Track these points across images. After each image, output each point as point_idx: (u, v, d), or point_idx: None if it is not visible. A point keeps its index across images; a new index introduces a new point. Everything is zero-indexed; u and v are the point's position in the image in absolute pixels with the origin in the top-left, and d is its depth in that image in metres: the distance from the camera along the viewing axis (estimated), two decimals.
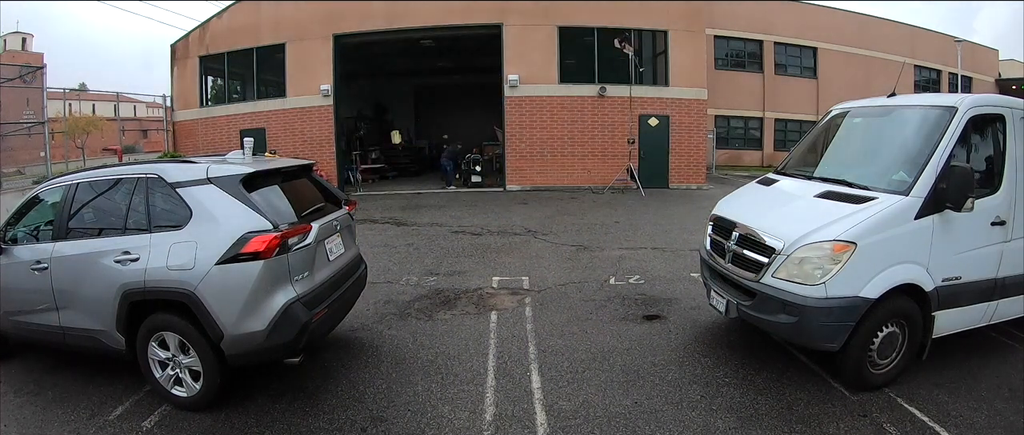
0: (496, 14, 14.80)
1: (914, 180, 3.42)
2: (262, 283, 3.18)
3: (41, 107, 17.08)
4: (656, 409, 3.35)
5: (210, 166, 3.44)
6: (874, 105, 4.36)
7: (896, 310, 3.44)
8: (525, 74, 14.81)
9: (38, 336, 3.83)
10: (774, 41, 21.72)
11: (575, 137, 14.78)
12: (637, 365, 3.95)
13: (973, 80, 23.85)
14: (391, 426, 3.22)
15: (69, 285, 3.55)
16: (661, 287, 5.84)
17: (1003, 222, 3.65)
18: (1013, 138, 3.71)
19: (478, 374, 3.85)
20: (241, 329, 3.16)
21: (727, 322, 4.65)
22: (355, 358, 4.16)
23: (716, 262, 4.18)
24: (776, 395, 3.50)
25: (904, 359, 3.58)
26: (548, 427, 3.18)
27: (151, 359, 3.43)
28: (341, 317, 4.18)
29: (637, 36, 15.48)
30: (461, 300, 5.50)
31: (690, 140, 15.17)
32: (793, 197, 4.06)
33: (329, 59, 15.44)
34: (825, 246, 3.32)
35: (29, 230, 3.95)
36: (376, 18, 15.06)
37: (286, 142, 15.62)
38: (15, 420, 3.38)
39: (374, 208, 12.07)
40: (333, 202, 4.25)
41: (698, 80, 15.20)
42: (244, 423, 3.26)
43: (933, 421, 3.17)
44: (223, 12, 16.59)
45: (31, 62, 31.62)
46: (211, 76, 17.68)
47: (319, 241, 3.65)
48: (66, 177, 3.95)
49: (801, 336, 3.47)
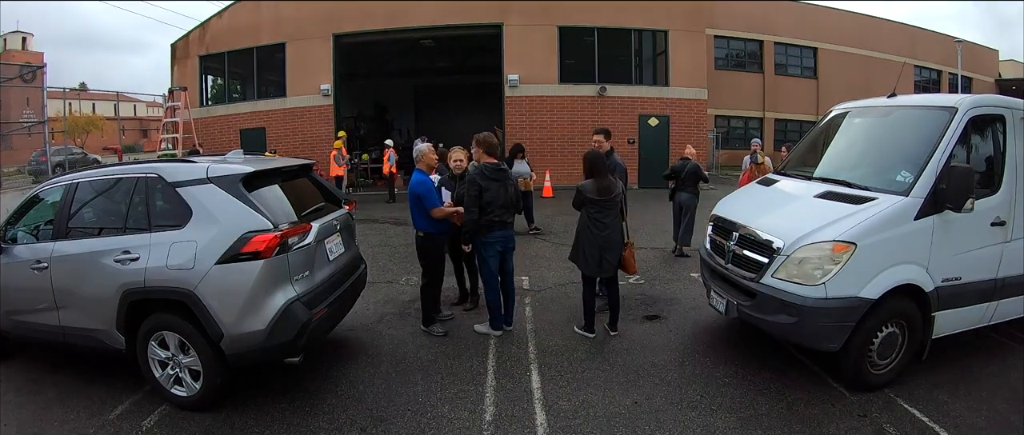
0: (496, 14, 14.81)
1: (914, 180, 3.42)
2: (262, 283, 3.18)
3: (41, 106, 17.09)
4: (656, 409, 3.35)
5: (210, 165, 3.44)
6: (874, 105, 4.36)
7: (896, 310, 3.44)
8: (525, 74, 14.81)
9: (38, 335, 3.83)
10: (774, 41, 21.73)
11: (575, 137, 14.79)
12: (637, 365, 3.95)
13: (973, 80, 23.84)
14: (391, 426, 3.22)
15: (69, 284, 3.55)
16: (661, 287, 5.84)
17: (1003, 222, 3.65)
18: (1013, 138, 3.71)
19: (478, 374, 3.85)
20: (241, 329, 3.16)
21: (727, 322, 4.65)
22: (355, 358, 4.16)
23: (716, 262, 4.18)
24: (776, 395, 3.50)
25: (904, 359, 3.58)
26: (548, 427, 3.18)
27: (151, 358, 3.43)
28: (341, 317, 4.18)
29: (637, 36, 15.50)
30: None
31: (690, 140, 15.13)
32: (793, 197, 4.06)
33: (329, 59, 15.45)
34: (825, 246, 3.31)
35: (29, 229, 3.95)
36: (376, 18, 15.07)
37: (286, 142, 15.62)
38: (15, 420, 3.38)
39: (374, 208, 12.06)
40: (333, 202, 4.25)
41: (698, 80, 15.21)
42: (244, 423, 3.26)
43: (933, 421, 3.17)
44: (223, 12, 16.60)
45: (31, 62, 31.61)
46: (211, 76, 17.69)
47: (319, 241, 3.65)
48: (66, 176, 3.95)
49: (801, 336, 3.47)
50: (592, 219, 4.24)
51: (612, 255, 4.27)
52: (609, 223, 4.24)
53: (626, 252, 4.37)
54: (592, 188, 4.24)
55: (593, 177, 4.27)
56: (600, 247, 4.23)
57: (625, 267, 4.42)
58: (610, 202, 4.24)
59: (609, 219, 4.25)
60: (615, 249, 4.29)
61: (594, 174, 4.27)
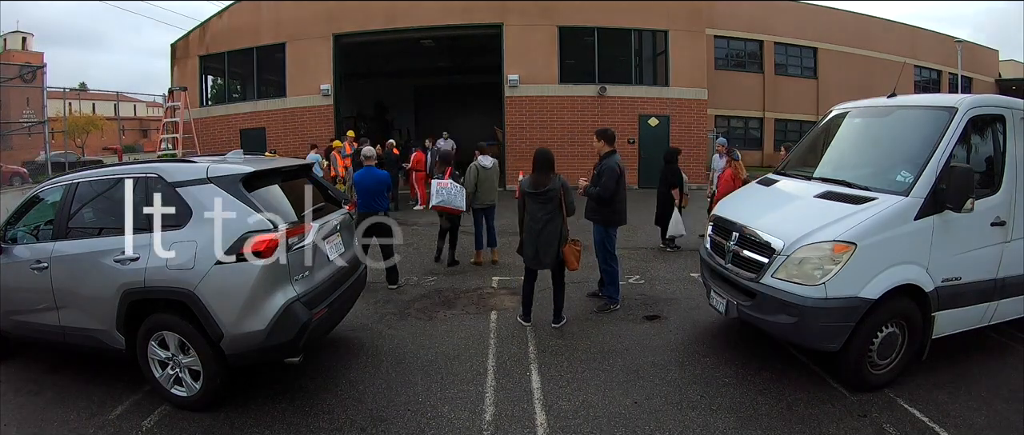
0: (496, 14, 14.80)
1: (914, 180, 3.42)
2: (262, 283, 3.17)
3: (41, 106, 17.09)
4: (656, 409, 3.35)
5: (210, 166, 3.44)
6: (874, 105, 4.36)
7: (896, 310, 3.44)
8: (525, 74, 14.81)
9: (38, 335, 3.83)
10: (774, 41, 21.72)
11: (575, 137, 14.78)
12: (637, 365, 3.95)
13: (973, 80, 23.84)
14: (391, 426, 3.22)
15: (69, 284, 3.55)
16: (661, 287, 5.84)
17: (1003, 222, 3.65)
18: (1013, 138, 3.71)
19: (478, 374, 3.85)
20: (241, 329, 3.16)
21: (727, 322, 4.65)
22: (355, 358, 4.16)
23: (716, 262, 4.18)
24: (776, 395, 3.50)
25: (904, 359, 3.58)
26: (548, 427, 3.18)
27: (151, 358, 3.43)
28: (341, 317, 4.18)
29: (637, 36, 15.49)
30: (461, 300, 5.50)
31: (690, 140, 15.15)
32: (793, 197, 4.06)
33: (329, 59, 15.45)
34: (825, 246, 3.32)
35: (29, 229, 3.94)
36: (376, 18, 15.06)
37: (286, 142, 15.61)
38: (15, 420, 3.38)
39: None
40: (333, 202, 4.25)
41: (698, 80, 15.21)
42: (244, 423, 3.26)
43: (933, 421, 3.17)
44: (223, 12, 16.60)
45: (31, 61, 31.62)
46: (211, 76, 17.68)
47: (319, 241, 3.65)
48: (66, 176, 3.95)
49: (801, 336, 3.47)
50: (528, 212, 4.46)
51: (547, 248, 4.41)
52: (541, 217, 4.39)
53: (565, 248, 4.47)
54: (528, 182, 4.47)
55: (534, 172, 4.47)
56: (535, 240, 4.42)
57: (566, 263, 4.53)
58: (541, 196, 4.39)
59: (542, 213, 4.39)
60: (550, 243, 4.41)
61: (534, 169, 4.48)
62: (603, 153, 4.98)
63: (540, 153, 4.54)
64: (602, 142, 5.01)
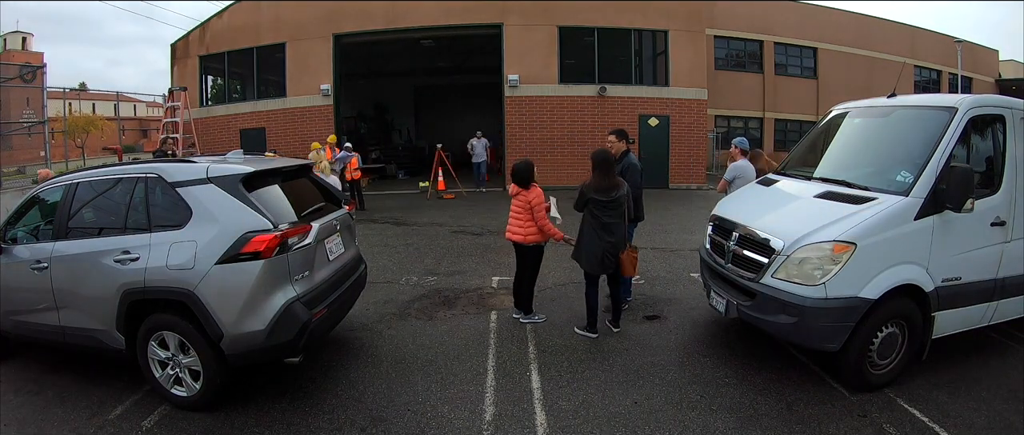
0: (496, 14, 14.81)
1: (914, 180, 3.42)
2: (262, 283, 3.17)
3: (41, 106, 17.09)
4: (656, 409, 3.35)
5: (210, 165, 3.44)
6: (874, 105, 4.36)
7: (896, 311, 3.44)
8: (525, 74, 14.81)
9: (38, 336, 3.83)
10: (774, 41, 21.69)
11: (575, 137, 14.79)
12: (637, 365, 3.95)
13: (973, 80, 23.83)
14: (391, 426, 3.22)
15: (69, 284, 3.55)
16: (661, 287, 5.84)
17: (1003, 222, 3.65)
18: (1013, 138, 3.71)
19: (478, 374, 3.85)
20: (241, 329, 3.16)
21: (727, 322, 4.65)
22: (355, 358, 4.16)
23: (716, 262, 4.18)
24: (776, 395, 3.50)
25: (904, 359, 3.58)
26: (548, 427, 3.18)
27: (151, 359, 3.43)
28: (341, 317, 4.18)
29: (637, 36, 15.49)
30: (461, 300, 5.50)
31: (690, 140, 15.17)
32: (793, 197, 4.06)
33: (329, 59, 15.45)
34: (825, 246, 3.31)
35: (29, 229, 3.95)
36: (376, 18, 15.07)
37: (286, 142, 15.61)
38: (15, 420, 3.38)
39: (374, 208, 12.07)
40: (333, 202, 4.25)
41: (698, 80, 15.21)
42: (244, 423, 3.26)
43: (933, 421, 3.17)
44: (223, 12, 16.59)
45: (31, 61, 31.62)
46: (211, 76, 17.68)
47: (319, 241, 3.65)
48: (66, 177, 3.95)
49: (801, 336, 3.47)
50: (594, 217, 4.27)
51: (614, 253, 4.29)
52: (611, 222, 4.25)
53: (623, 255, 4.34)
54: (593, 187, 4.26)
55: (596, 175, 4.28)
56: (603, 245, 4.24)
57: (622, 268, 4.40)
58: (612, 202, 4.24)
59: (611, 218, 4.26)
60: (618, 247, 4.30)
61: (597, 172, 4.29)
62: (620, 152, 4.97)
63: (600, 155, 4.35)
64: (622, 142, 5.02)
